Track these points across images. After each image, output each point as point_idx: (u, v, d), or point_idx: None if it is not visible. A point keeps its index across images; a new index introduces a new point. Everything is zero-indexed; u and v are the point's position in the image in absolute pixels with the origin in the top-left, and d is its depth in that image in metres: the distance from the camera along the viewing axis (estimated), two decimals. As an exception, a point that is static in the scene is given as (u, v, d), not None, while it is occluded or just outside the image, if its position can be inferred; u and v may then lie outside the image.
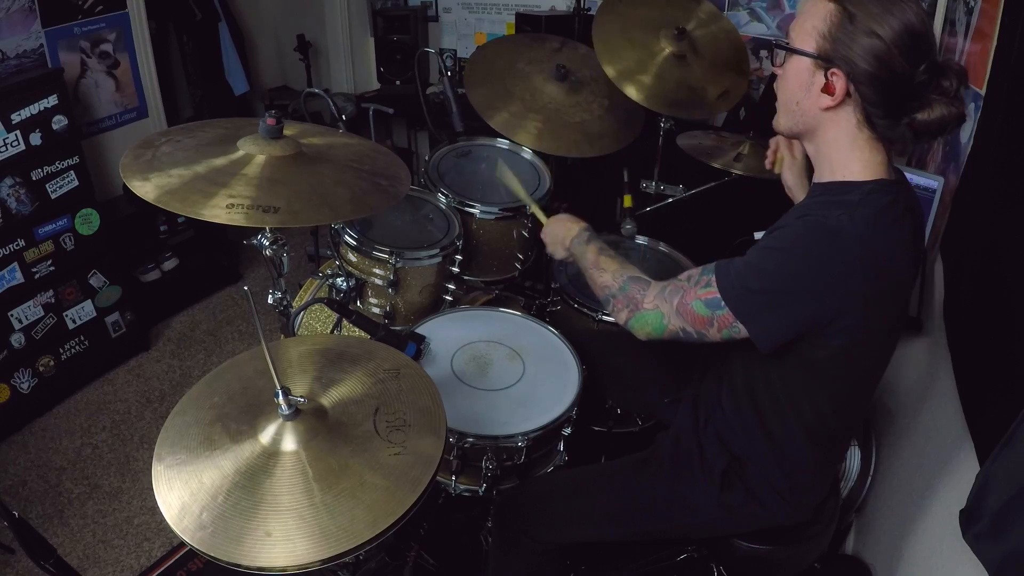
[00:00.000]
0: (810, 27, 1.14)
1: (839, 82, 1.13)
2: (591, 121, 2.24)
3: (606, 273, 1.41)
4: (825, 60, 1.13)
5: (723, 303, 1.16)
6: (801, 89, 1.18)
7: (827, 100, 1.15)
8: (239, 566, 0.94)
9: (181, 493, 1.03)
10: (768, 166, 1.62)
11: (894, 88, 1.10)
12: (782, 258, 1.13)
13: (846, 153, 1.18)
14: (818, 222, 1.12)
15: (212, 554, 0.95)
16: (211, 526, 0.98)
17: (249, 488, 1.02)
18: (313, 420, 1.11)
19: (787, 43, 1.19)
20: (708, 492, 1.36)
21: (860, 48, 1.09)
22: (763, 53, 3.19)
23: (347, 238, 1.92)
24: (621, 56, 2.20)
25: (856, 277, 1.10)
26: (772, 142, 1.61)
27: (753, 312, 1.15)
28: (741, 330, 1.17)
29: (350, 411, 1.15)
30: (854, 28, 1.09)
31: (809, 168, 1.37)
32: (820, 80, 1.15)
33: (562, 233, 1.59)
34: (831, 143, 1.20)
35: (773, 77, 1.32)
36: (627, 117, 2.31)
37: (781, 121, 1.27)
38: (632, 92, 2.13)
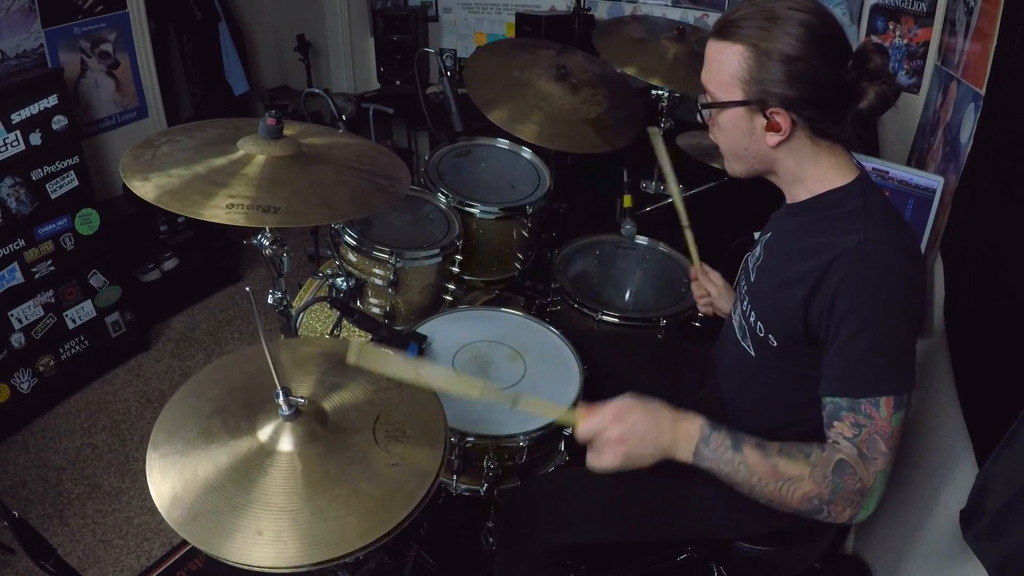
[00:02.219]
0: (727, 76, 1.13)
1: (781, 117, 1.13)
2: (595, 119, 2.25)
3: (802, 482, 1.08)
4: (759, 103, 1.13)
5: (903, 393, 1.09)
6: (744, 136, 1.18)
7: (775, 137, 1.15)
8: (227, 561, 0.94)
9: (174, 483, 1.02)
10: (708, 312, 1.69)
11: (829, 96, 1.12)
12: (883, 312, 1.08)
13: (813, 168, 1.18)
14: (866, 253, 1.08)
15: (201, 547, 0.95)
16: (203, 519, 0.97)
17: (244, 485, 1.02)
18: (313, 423, 1.11)
19: (711, 100, 1.18)
20: (716, 497, 1.35)
21: (786, 78, 1.09)
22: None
23: (347, 238, 1.92)
24: (633, 59, 2.31)
25: (920, 279, 1.11)
26: (696, 288, 1.69)
27: (913, 366, 1.10)
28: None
29: (350, 417, 1.15)
30: (772, 62, 1.09)
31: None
32: (761, 122, 1.15)
33: (662, 441, 1.14)
34: (795, 167, 1.19)
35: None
36: (627, 115, 2.31)
37: (736, 168, 1.26)
38: (657, 81, 2.26)
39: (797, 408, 1.26)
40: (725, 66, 1.14)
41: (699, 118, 1.27)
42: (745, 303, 1.33)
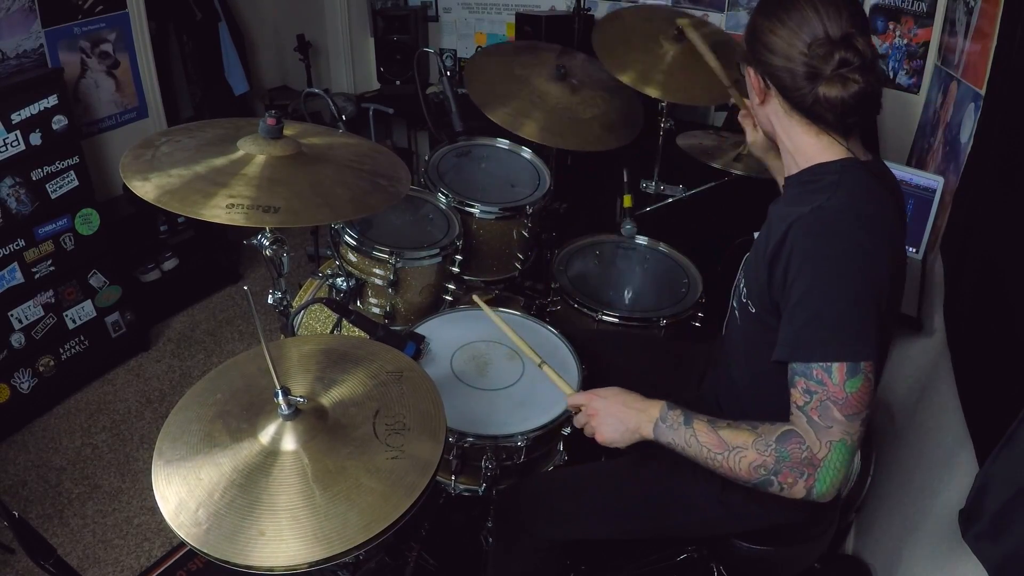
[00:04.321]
0: (744, 36, 1.28)
1: (755, 77, 1.25)
2: (597, 117, 2.25)
3: (746, 450, 1.12)
4: (747, 60, 1.26)
5: (859, 360, 1.07)
6: (751, 90, 1.29)
7: (756, 97, 1.27)
8: (229, 563, 0.94)
9: (179, 489, 1.03)
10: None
11: (795, 71, 1.16)
12: (831, 275, 1.09)
13: (797, 140, 1.24)
14: (817, 216, 1.11)
15: (205, 550, 0.95)
16: (206, 523, 0.98)
17: (246, 487, 1.02)
18: (313, 420, 1.11)
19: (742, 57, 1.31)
20: (709, 491, 1.36)
21: (761, 43, 1.20)
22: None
23: (347, 238, 1.92)
24: (629, 63, 2.25)
25: (878, 249, 1.11)
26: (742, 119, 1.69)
27: (874, 338, 1.08)
28: (878, 364, 1.10)
29: (350, 413, 1.15)
30: (758, 27, 1.21)
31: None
32: (751, 80, 1.27)
33: (630, 420, 1.26)
34: (783, 135, 1.27)
35: None
36: (628, 113, 2.32)
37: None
38: (653, 91, 2.19)
39: (780, 377, 1.25)
40: (746, 26, 1.28)
41: None
42: (740, 269, 1.38)
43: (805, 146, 1.23)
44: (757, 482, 1.13)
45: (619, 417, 1.27)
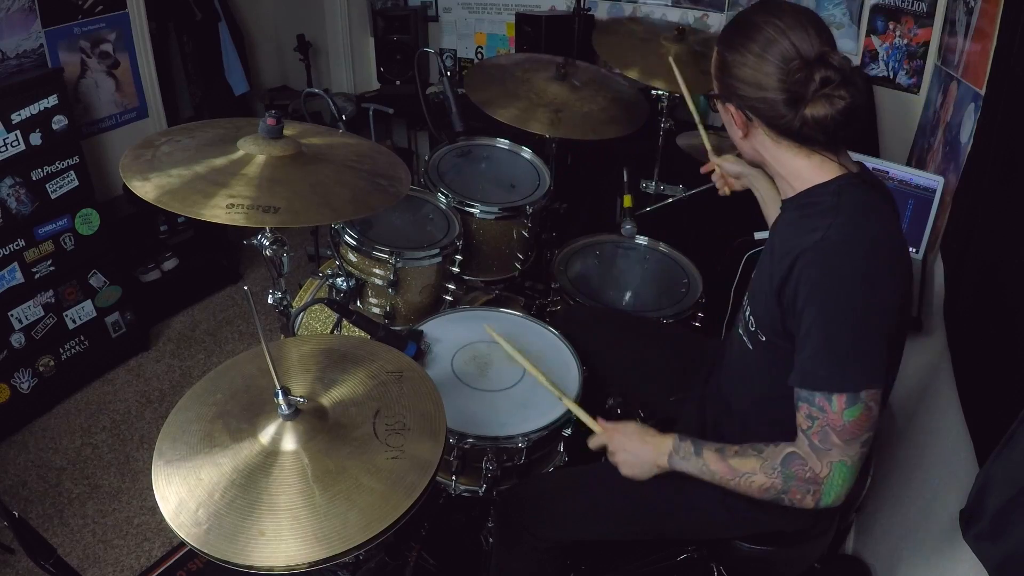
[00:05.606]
0: (712, 71, 1.27)
1: (735, 112, 1.23)
2: (599, 111, 2.25)
3: (755, 475, 1.20)
4: (721, 97, 1.25)
5: (858, 390, 1.10)
6: (729, 126, 1.28)
7: (738, 131, 1.26)
8: (229, 563, 0.94)
9: (179, 489, 1.03)
10: (737, 188, 1.71)
11: (775, 100, 1.15)
12: (836, 308, 1.11)
13: (788, 165, 1.23)
14: (822, 249, 1.11)
15: (205, 550, 0.95)
16: (207, 523, 0.98)
17: (246, 487, 1.02)
18: (313, 420, 1.11)
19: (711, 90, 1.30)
20: (712, 495, 1.36)
21: (733, 78, 1.19)
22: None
23: (347, 238, 1.92)
24: (634, 62, 2.28)
25: (883, 276, 1.12)
26: (716, 179, 1.73)
27: (879, 366, 1.11)
28: (883, 388, 1.14)
29: (350, 413, 1.15)
30: (726, 63, 1.20)
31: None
32: (730, 116, 1.26)
33: (647, 455, 1.33)
34: (772, 162, 1.26)
35: None
36: (630, 106, 2.32)
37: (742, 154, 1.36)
38: (660, 83, 2.24)
39: (791, 402, 1.26)
40: (712, 63, 1.27)
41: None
42: (746, 298, 1.37)
43: (798, 169, 1.22)
44: (769, 499, 1.20)
45: (636, 453, 1.34)
